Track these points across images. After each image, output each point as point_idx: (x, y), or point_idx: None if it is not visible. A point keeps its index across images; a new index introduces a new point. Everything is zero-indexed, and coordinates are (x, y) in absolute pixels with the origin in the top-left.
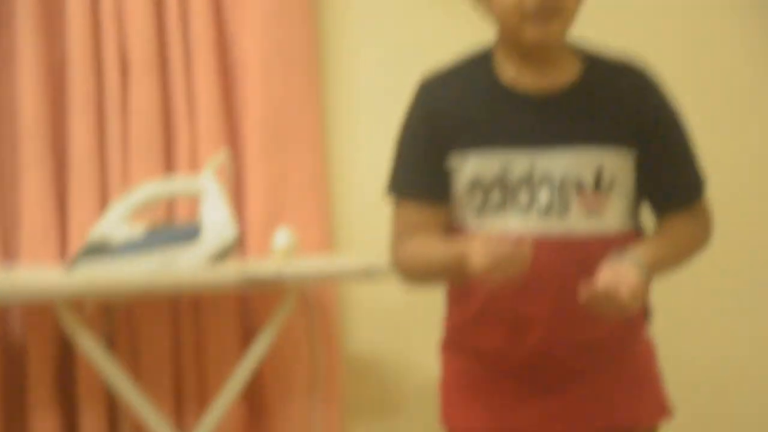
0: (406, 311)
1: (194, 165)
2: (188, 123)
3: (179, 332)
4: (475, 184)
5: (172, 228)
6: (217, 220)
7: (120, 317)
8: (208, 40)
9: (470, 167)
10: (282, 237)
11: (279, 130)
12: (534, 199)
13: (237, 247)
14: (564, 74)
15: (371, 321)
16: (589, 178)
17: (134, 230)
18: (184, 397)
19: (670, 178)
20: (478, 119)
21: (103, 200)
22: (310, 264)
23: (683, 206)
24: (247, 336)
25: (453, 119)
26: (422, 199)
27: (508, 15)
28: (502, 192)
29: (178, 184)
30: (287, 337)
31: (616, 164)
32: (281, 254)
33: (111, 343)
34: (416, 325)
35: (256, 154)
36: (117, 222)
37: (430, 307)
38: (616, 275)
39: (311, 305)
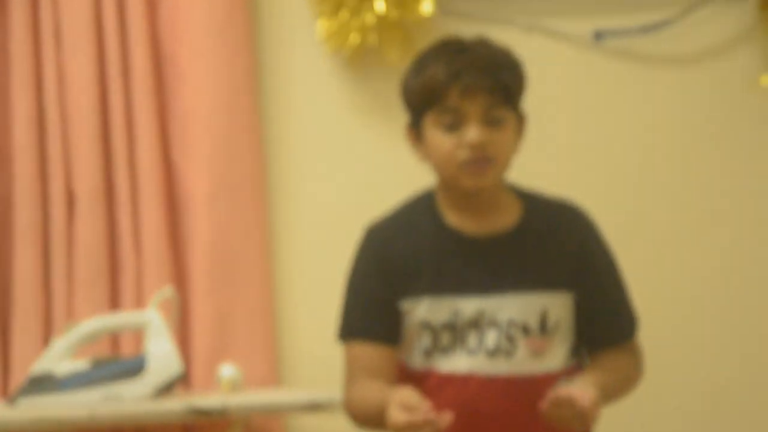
0: None
1: (139, 299)
2: (134, 257)
3: None
4: (425, 327)
5: (117, 362)
6: (161, 353)
7: None
8: (154, 173)
9: (421, 312)
10: (227, 370)
11: (225, 264)
12: (482, 341)
13: (182, 381)
14: (505, 216)
15: None
16: (534, 322)
17: (78, 364)
18: None
19: (605, 319)
20: (428, 267)
21: (47, 334)
22: (256, 396)
23: (617, 345)
24: None
25: (404, 268)
26: (374, 341)
27: (443, 164)
28: (451, 334)
29: (123, 318)
30: None
31: (560, 307)
32: (227, 387)
33: None
34: None
35: (202, 288)
36: (61, 356)
37: None
38: (575, 388)
39: None
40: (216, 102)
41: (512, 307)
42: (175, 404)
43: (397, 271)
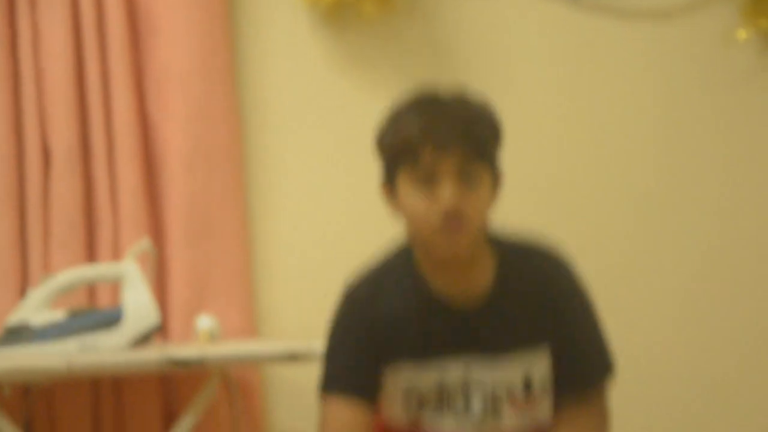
0: None
1: (116, 254)
2: (110, 212)
3: (100, 415)
4: (410, 391)
5: (94, 312)
6: (138, 304)
7: (39, 399)
8: (130, 129)
9: (407, 376)
10: (205, 321)
11: (202, 217)
12: (468, 404)
13: (159, 332)
14: (483, 273)
15: (295, 404)
16: (518, 384)
17: (55, 315)
18: None
19: (572, 364)
20: (413, 332)
21: (24, 289)
22: (233, 347)
23: (582, 391)
24: (169, 419)
25: (387, 335)
26: (357, 399)
27: (416, 227)
28: (437, 398)
29: (100, 269)
30: (210, 421)
31: (542, 364)
32: (204, 337)
33: (29, 426)
34: None
35: (179, 242)
36: (37, 307)
37: None
38: None
39: (234, 388)
40: (192, 58)
41: (496, 370)
42: (153, 354)
43: (381, 337)
